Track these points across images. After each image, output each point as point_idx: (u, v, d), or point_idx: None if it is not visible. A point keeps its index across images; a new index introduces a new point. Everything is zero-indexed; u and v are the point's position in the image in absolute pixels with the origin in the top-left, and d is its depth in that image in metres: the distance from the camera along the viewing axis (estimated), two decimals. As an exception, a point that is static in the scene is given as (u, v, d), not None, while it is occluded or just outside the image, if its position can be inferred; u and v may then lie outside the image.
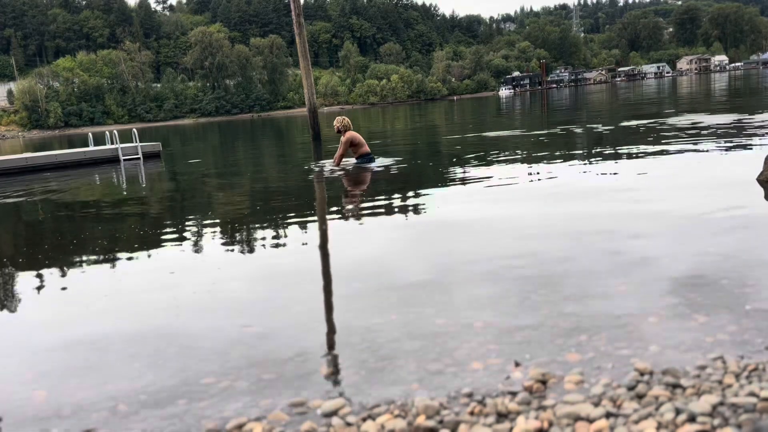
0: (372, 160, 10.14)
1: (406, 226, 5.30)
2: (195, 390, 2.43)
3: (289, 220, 6.12)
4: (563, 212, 5.29)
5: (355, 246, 4.78)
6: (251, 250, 4.95)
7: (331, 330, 3.00)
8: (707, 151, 8.52)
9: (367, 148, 10.15)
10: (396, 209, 6.15)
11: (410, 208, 6.20)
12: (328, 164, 10.64)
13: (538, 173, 7.85)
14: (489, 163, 9.33)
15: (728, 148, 8.55)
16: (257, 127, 45.89)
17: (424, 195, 6.95)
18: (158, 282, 4.18)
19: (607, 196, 5.92)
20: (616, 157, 8.80)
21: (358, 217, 6.01)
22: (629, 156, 8.70)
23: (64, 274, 4.62)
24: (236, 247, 5.13)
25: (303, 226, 5.80)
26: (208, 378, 2.53)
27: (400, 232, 5.12)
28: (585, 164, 8.37)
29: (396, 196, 7.03)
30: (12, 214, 8.62)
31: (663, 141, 10.10)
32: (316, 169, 10.56)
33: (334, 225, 5.75)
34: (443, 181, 7.95)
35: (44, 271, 4.78)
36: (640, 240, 4.11)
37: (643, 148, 9.42)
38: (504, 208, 5.79)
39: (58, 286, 4.29)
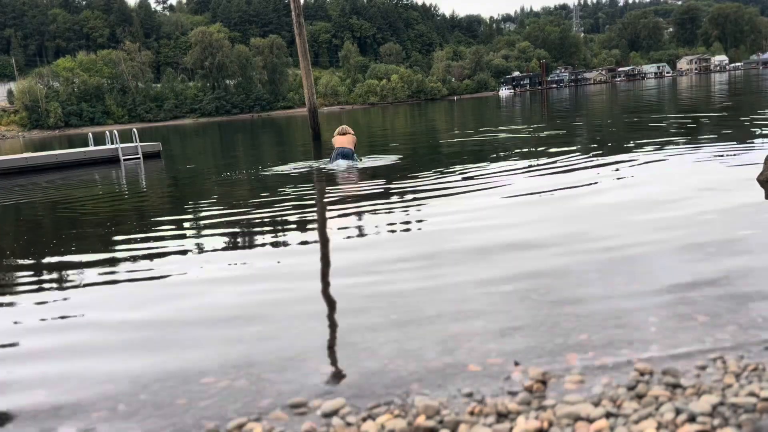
0: (342, 156, 10.31)
1: (406, 226, 5.30)
2: (195, 390, 2.43)
3: (288, 220, 6.12)
4: (563, 212, 5.29)
5: (355, 246, 4.78)
6: (251, 250, 4.95)
7: (331, 330, 3.00)
8: (707, 150, 8.51)
9: (339, 145, 10.43)
10: (395, 209, 6.14)
11: (409, 207, 6.19)
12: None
13: (537, 172, 7.85)
14: (489, 162, 9.33)
15: (728, 148, 8.55)
16: (257, 127, 45.90)
17: (423, 193, 6.95)
18: (158, 282, 4.18)
19: (606, 195, 5.92)
20: (616, 156, 8.79)
21: (358, 216, 6.01)
22: (628, 155, 8.70)
23: (62, 274, 4.62)
24: (236, 247, 5.13)
25: (302, 225, 5.80)
26: (208, 378, 2.53)
27: (399, 231, 5.12)
28: (584, 162, 8.36)
29: (396, 195, 7.02)
30: (11, 214, 8.62)
31: (663, 140, 10.10)
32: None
33: (334, 225, 5.75)
34: (443, 179, 7.95)
35: (43, 271, 4.78)
36: (639, 239, 4.11)
37: (642, 147, 9.41)
38: (503, 207, 5.78)
39: (56, 286, 4.29)
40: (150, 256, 4.97)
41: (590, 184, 6.75)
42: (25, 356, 3.00)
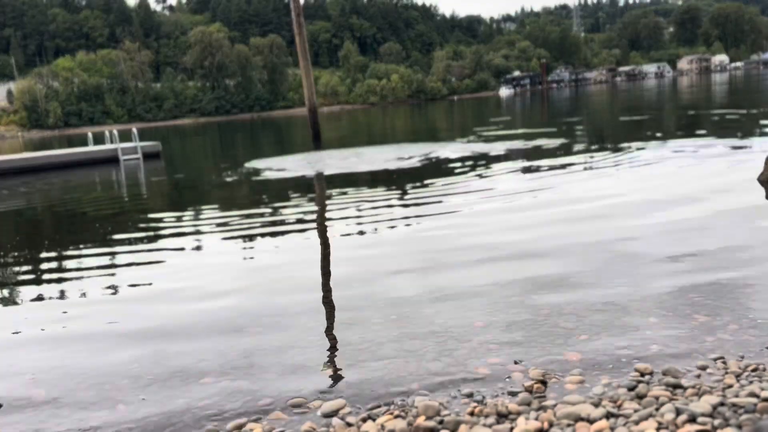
0: None
1: (406, 226, 5.29)
2: (195, 390, 2.43)
3: (287, 222, 6.12)
4: (564, 212, 5.29)
5: (354, 246, 4.78)
6: (251, 251, 4.95)
7: (331, 330, 3.00)
8: (707, 151, 8.51)
9: None
10: (394, 209, 6.14)
11: (409, 207, 6.19)
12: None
13: (537, 173, 7.85)
14: (488, 163, 9.33)
15: (729, 148, 8.54)
16: (257, 127, 45.89)
17: (422, 194, 6.94)
18: (158, 282, 4.18)
19: (607, 197, 5.91)
20: (617, 158, 8.79)
21: (356, 217, 6.00)
22: (629, 156, 8.69)
23: (63, 274, 4.62)
24: (235, 249, 5.13)
25: (301, 227, 5.80)
26: (208, 378, 2.53)
27: (399, 231, 5.11)
28: (583, 164, 8.36)
29: (395, 195, 7.02)
30: (11, 214, 8.61)
31: (663, 141, 10.09)
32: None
33: (332, 226, 5.75)
34: (441, 180, 7.95)
35: (43, 271, 4.78)
36: (640, 240, 4.11)
37: (642, 147, 9.41)
38: (503, 208, 5.78)
39: (57, 286, 4.29)
40: (150, 257, 4.98)
41: (591, 186, 6.75)
42: (25, 356, 3.00)
